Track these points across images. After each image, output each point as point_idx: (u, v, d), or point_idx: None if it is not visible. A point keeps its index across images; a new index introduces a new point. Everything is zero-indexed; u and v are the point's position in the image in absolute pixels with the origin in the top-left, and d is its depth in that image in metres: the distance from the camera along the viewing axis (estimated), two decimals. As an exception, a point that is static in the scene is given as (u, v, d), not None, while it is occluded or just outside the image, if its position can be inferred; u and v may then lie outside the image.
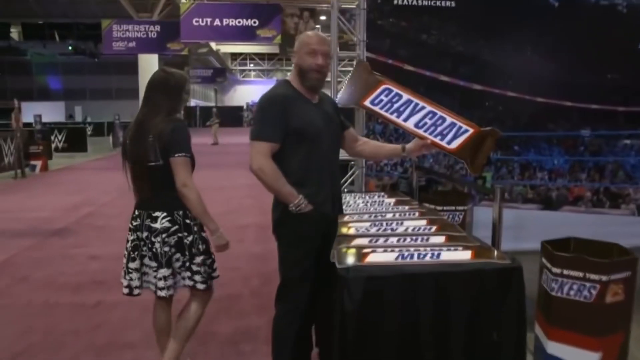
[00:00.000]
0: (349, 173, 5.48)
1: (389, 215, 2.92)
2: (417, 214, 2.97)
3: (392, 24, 5.07)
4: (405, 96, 2.87)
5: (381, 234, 2.57)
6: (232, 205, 8.20)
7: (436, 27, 5.11)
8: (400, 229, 2.63)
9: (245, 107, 38.47)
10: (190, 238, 2.59)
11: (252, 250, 5.57)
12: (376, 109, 2.87)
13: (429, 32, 5.11)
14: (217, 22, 13.93)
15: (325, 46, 2.46)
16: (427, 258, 2.18)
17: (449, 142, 2.83)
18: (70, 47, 29.58)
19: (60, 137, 17.27)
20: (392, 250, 2.27)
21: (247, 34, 13.97)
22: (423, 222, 2.75)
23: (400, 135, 5.20)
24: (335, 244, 2.42)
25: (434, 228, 2.64)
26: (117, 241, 5.87)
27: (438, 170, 5.27)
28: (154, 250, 2.55)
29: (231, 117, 33.30)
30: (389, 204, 3.41)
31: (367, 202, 3.46)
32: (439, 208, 4.61)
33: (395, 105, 2.84)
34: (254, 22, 13.98)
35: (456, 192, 5.13)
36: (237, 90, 39.64)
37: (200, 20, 13.90)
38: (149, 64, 28.31)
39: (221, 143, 21.80)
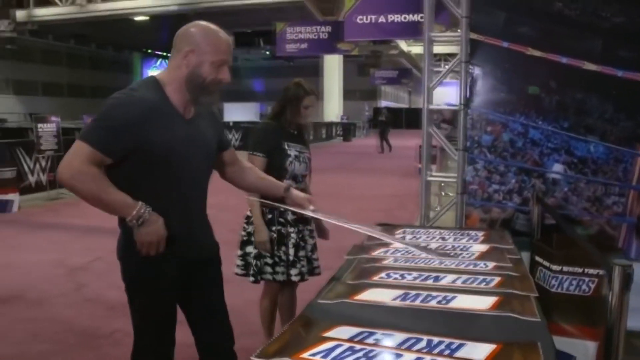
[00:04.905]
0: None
1: (447, 279, 1.79)
2: (494, 282, 1.77)
3: (510, -9, 3.53)
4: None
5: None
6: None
7: (580, -10, 3.42)
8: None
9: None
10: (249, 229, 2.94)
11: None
12: None
13: (568, -2, 3.45)
14: (381, 18, 12.85)
15: (231, 56, 1.99)
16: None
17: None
18: (267, 52, 31.67)
19: (237, 136, 18.22)
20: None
21: (412, 30, 12.52)
22: (488, 302, 1.56)
23: (518, 150, 3.65)
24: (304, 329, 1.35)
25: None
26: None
27: (572, 206, 3.56)
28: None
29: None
30: (474, 253, 2.24)
31: (443, 245, 2.35)
32: (556, 268, 3.01)
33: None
34: (421, 18, 12.75)
35: (600, 241, 3.40)
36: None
37: (365, 17, 13.05)
38: (332, 66, 29.06)
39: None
